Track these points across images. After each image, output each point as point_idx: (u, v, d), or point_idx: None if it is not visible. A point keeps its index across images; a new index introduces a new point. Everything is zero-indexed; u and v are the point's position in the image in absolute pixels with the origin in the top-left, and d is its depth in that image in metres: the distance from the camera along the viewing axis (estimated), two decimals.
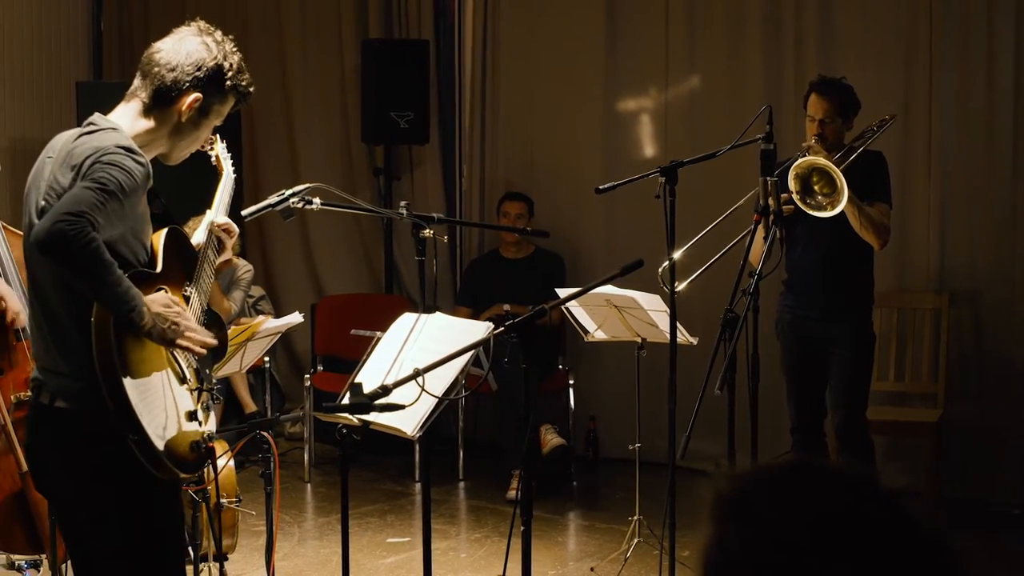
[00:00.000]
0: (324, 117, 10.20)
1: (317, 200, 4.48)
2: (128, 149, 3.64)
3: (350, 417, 4.02)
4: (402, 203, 4.64)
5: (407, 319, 4.48)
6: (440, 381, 4.05)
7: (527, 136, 9.42)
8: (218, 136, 4.42)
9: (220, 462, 6.22)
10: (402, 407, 3.68)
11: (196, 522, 5.71)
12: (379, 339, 4.45)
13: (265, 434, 5.39)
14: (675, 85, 8.80)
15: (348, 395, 3.91)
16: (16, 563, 6.49)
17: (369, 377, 4.21)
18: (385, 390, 3.63)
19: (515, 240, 8.82)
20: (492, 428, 9.11)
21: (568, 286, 6.57)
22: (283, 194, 4.47)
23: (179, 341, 3.71)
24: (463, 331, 4.27)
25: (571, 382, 8.70)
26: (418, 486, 8.50)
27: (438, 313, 4.51)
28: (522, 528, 4.15)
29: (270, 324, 5.68)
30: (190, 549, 5.71)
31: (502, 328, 3.87)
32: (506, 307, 8.37)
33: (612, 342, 6.83)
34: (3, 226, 5.86)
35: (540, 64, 9.28)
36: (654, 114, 8.93)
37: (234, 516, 6.68)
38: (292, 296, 10.28)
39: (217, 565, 5.80)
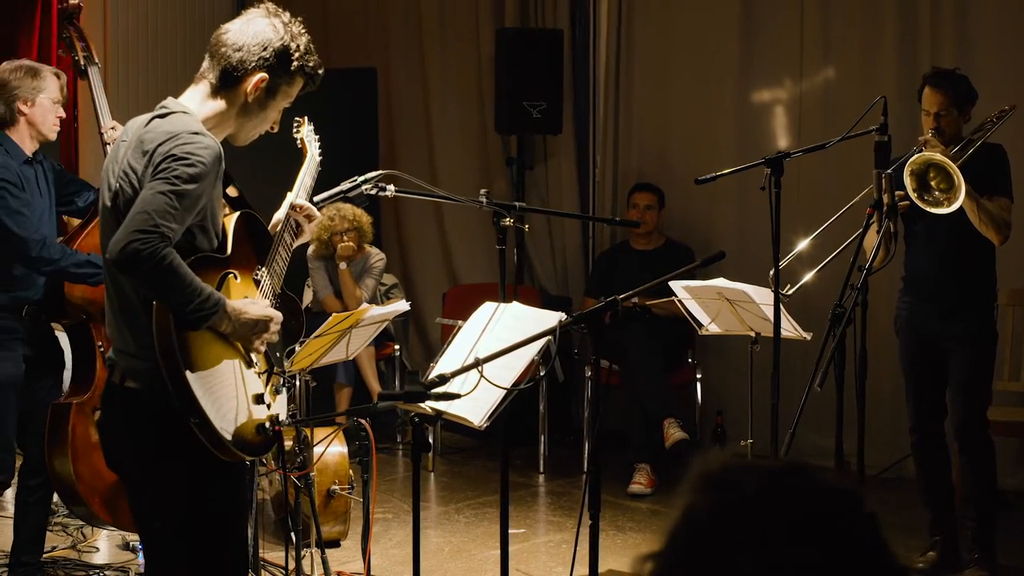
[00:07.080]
0: (460, 106, 10.24)
1: (391, 187, 4.45)
2: (198, 133, 3.67)
3: (423, 406, 3.99)
4: (482, 191, 4.59)
5: (486, 309, 4.45)
6: (508, 371, 4.01)
7: (661, 127, 9.34)
8: (306, 118, 4.44)
9: (328, 448, 6.32)
10: (457, 396, 3.65)
11: (299, 507, 5.74)
12: (459, 328, 4.43)
13: (362, 421, 5.41)
14: (809, 77, 8.64)
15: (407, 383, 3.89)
16: (131, 544, 6.62)
17: (447, 366, 4.18)
18: (442, 379, 3.60)
19: (645, 231, 8.73)
20: (619, 420, 9.03)
21: (699, 278, 6.47)
22: (355, 180, 4.46)
23: (257, 345, 3.81)
24: (538, 321, 4.22)
25: (698, 376, 8.61)
26: (541, 477, 8.48)
27: (515, 303, 4.46)
28: (589, 523, 4.11)
29: (375, 312, 5.68)
30: (292, 534, 5.76)
31: (571, 319, 3.82)
32: (634, 299, 8.29)
33: (739, 336, 6.71)
34: None
35: (674, 55, 9.19)
36: (788, 106, 8.78)
37: (346, 503, 6.72)
38: (427, 284, 10.36)
39: (319, 551, 5.84)
